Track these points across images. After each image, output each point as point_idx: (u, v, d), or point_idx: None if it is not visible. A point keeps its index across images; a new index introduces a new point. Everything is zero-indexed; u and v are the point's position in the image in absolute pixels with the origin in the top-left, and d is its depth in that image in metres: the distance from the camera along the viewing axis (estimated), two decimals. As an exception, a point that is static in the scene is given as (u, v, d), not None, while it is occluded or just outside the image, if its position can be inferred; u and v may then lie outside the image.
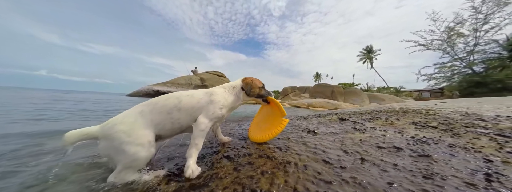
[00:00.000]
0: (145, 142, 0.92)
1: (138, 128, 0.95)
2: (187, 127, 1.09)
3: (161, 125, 1.01)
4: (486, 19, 13.54)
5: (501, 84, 12.25)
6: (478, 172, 0.77)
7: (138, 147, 0.89)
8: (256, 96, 1.32)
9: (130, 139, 0.89)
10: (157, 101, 1.06)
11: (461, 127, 1.46)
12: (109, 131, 0.91)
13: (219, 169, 0.96)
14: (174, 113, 1.03)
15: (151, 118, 1.00)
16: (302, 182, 0.80)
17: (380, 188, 0.73)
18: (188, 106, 1.06)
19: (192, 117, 1.07)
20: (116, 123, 0.93)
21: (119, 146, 0.88)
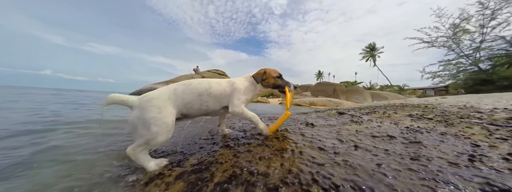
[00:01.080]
0: (169, 122, 0.98)
1: (169, 105, 1.03)
2: (212, 111, 1.21)
3: (190, 105, 1.12)
4: (493, 15, 13.13)
5: (508, 81, 11.96)
6: (463, 154, 0.81)
7: (162, 126, 0.95)
8: (272, 86, 1.30)
9: (159, 115, 0.96)
10: (190, 83, 1.17)
11: (456, 118, 1.48)
12: (145, 103, 0.99)
13: (219, 156, 1.02)
14: (204, 96, 1.15)
15: (183, 97, 1.09)
16: (296, 165, 0.86)
17: (369, 168, 0.78)
18: (216, 92, 1.18)
19: (219, 102, 1.20)
20: (153, 97, 1.02)
21: (148, 120, 0.94)
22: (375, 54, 34.23)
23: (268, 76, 1.28)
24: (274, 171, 0.81)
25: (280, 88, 1.31)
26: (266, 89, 1.31)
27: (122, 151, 1.19)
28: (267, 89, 1.32)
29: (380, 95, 21.04)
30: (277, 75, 1.30)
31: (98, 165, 1.13)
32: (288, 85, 1.31)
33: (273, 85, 1.30)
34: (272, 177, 0.75)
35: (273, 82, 1.29)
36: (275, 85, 1.30)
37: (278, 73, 1.32)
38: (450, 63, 14.92)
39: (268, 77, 1.28)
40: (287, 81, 1.34)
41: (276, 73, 1.31)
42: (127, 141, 1.70)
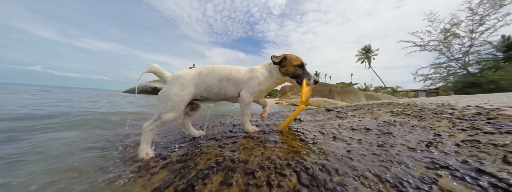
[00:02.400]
0: (184, 100, 1.10)
1: (192, 85, 1.14)
2: (230, 97, 1.25)
3: (210, 88, 1.19)
4: (482, 21, 13.65)
5: (494, 85, 12.47)
6: (423, 142, 0.90)
7: (177, 102, 1.07)
8: (291, 75, 1.17)
9: (181, 92, 1.09)
10: (213, 68, 1.23)
11: (430, 114, 1.59)
12: (173, 81, 1.12)
13: (205, 147, 1.07)
14: (223, 81, 1.20)
15: (205, 80, 1.18)
16: (276, 153, 0.92)
17: (339, 154, 0.85)
18: (235, 79, 1.21)
19: (236, 89, 1.22)
20: (181, 76, 1.15)
21: (169, 95, 1.07)
22: (370, 56, 34.97)
23: (288, 63, 1.14)
24: (254, 158, 0.86)
25: (298, 78, 1.17)
26: (284, 77, 1.19)
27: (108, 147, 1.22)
28: (284, 78, 1.20)
29: (374, 96, 21.52)
30: (299, 64, 1.15)
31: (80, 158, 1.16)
32: (308, 77, 1.16)
33: (292, 74, 1.17)
34: (251, 164, 0.81)
35: (292, 71, 1.15)
36: (295, 74, 1.16)
37: (300, 62, 1.17)
38: (441, 66, 15.41)
39: (288, 64, 1.15)
40: (309, 72, 1.18)
41: (297, 60, 1.16)
42: (110, 135, 1.72)
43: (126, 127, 2.23)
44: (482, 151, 0.72)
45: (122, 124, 2.48)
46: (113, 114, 3.58)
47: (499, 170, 0.57)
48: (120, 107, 5.58)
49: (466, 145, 0.80)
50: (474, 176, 0.56)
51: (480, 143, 0.81)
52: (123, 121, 2.73)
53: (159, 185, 0.75)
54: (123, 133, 1.89)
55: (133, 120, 2.62)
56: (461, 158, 0.67)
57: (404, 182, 0.59)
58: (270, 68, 1.24)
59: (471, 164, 0.62)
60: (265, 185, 0.64)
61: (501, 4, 12.93)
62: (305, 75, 1.17)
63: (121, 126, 2.31)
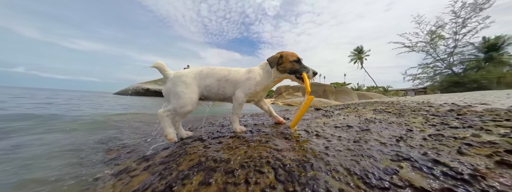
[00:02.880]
0: (193, 97, 1.18)
1: (194, 84, 1.20)
2: (229, 97, 1.28)
3: (210, 87, 1.24)
4: (464, 23, 14.43)
5: (477, 84, 13.19)
6: (395, 137, 0.95)
7: (188, 100, 1.15)
8: (289, 72, 1.18)
9: (186, 90, 1.17)
10: (214, 68, 1.29)
11: (409, 111, 1.68)
12: (176, 79, 1.19)
13: (190, 148, 1.07)
14: (222, 81, 1.24)
15: (205, 79, 1.23)
16: (259, 151, 0.94)
17: (317, 150, 0.89)
18: (233, 79, 1.24)
19: (234, 89, 1.25)
20: (183, 74, 1.22)
21: (178, 92, 1.15)
22: (362, 56, 36.05)
23: (284, 60, 1.16)
24: (237, 157, 0.88)
25: (297, 73, 1.18)
26: (282, 75, 1.21)
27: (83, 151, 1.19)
28: (283, 75, 1.21)
29: (366, 95, 22.14)
30: (295, 59, 1.17)
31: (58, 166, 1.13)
32: (306, 70, 1.18)
33: (289, 70, 1.18)
34: (233, 163, 0.82)
35: (290, 67, 1.17)
36: (292, 70, 1.17)
37: (296, 57, 1.18)
38: (428, 66, 16.12)
39: (285, 61, 1.16)
40: (306, 66, 1.20)
41: (293, 56, 1.18)
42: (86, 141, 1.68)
43: (113, 130, 2.18)
44: (442, 144, 0.77)
45: (107, 127, 2.42)
46: (99, 116, 3.48)
47: (452, 160, 0.62)
48: (109, 109, 5.43)
49: (431, 139, 0.86)
50: (430, 166, 0.61)
51: (443, 136, 0.87)
52: (109, 123, 2.66)
53: (138, 188, 0.75)
54: (109, 136, 1.85)
55: (118, 122, 2.57)
56: (423, 150, 0.72)
57: (369, 174, 0.63)
58: (267, 68, 1.25)
59: (429, 156, 0.67)
60: (243, 182, 0.66)
61: (481, 8, 13.75)
62: (303, 69, 1.18)
63: (106, 128, 2.26)
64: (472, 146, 0.70)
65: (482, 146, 0.70)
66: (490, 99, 1.82)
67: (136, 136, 1.80)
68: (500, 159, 0.57)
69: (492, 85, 12.68)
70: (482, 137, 0.80)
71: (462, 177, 0.53)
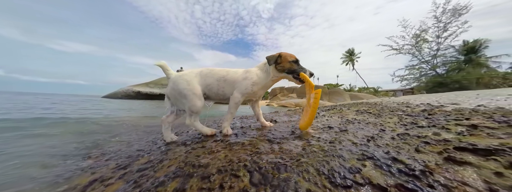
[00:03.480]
0: (197, 92, 1.22)
1: (195, 82, 1.25)
2: (228, 97, 1.29)
3: (210, 87, 1.28)
4: (445, 27, 15.46)
5: (458, 84, 14.03)
6: (367, 137, 1.01)
7: (193, 95, 1.19)
8: (287, 71, 1.22)
9: (189, 87, 1.20)
10: (213, 68, 1.33)
11: (387, 111, 1.76)
12: (177, 78, 1.24)
13: (171, 154, 1.06)
14: (221, 81, 1.28)
15: (205, 78, 1.28)
16: (239, 155, 0.95)
17: (295, 152, 0.92)
18: (231, 80, 1.28)
19: (233, 89, 1.27)
20: (184, 73, 1.28)
21: (181, 91, 1.19)
22: (353, 58, 37.30)
23: (283, 60, 1.21)
24: (216, 162, 0.88)
25: (294, 73, 1.23)
26: (280, 74, 1.25)
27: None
28: (281, 75, 1.25)
29: (357, 96, 22.80)
30: (293, 60, 1.22)
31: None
32: (304, 70, 1.23)
33: (288, 70, 1.22)
34: (211, 167, 0.82)
35: (288, 67, 1.21)
36: (290, 70, 1.22)
37: (295, 58, 1.23)
38: (414, 68, 16.99)
39: (283, 61, 1.21)
40: (303, 67, 1.26)
41: (292, 57, 1.23)
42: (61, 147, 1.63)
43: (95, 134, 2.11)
44: (406, 142, 0.83)
45: (91, 131, 2.34)
46: (84, 120, 3.34)
47: (409, 157, 0.68)
48: (94, 113, 5.22)
49: (398, 138, 0.92)
50: (389, 164, 0.66)
51: (409, 135, 0.93)
52: (93, 128, 2.57)
53: (110, 197, 0.74)
54: (92, 141, 1.79)
55: (104, 126, 2.49)
56: (387, 149, 0.77)
57: (335, 173, 0.66)
58: (266, 67, 1.28)
59: (390, 154, 0.72)
60: (218, 187, 0.67)
61: (460, 13, 14.82)
62: (301, 69, 1.24)
63: (90, 133, 2.19)
64: (429, 144, 0.76)
65: (437, 143, 0.76)
66: (461, 99, 1.96)
67: (119, 142, 1.75)
68: (447, 155, 0.63)
69: (472, 86, 13.54)
70: (441, 136, 0.87)
71: (413, 173, 0.58)
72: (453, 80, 14.65)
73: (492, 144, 0.64)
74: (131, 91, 14.50)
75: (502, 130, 0.82)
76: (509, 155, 0.56)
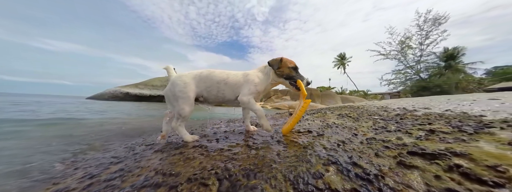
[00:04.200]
0: (191, 96, 1.22)
1: (193, 84, 1.26)
2: (228, 99, 1.30)
3: (209, 89, 1.28)
4: (427, 35, 16.60)
5: (440, 88, 14.98)
6: (339, 141, 1.05)
7: (186, 98, 1.20)
8: (286, 77, 1.26)
9: (185, 89, 1.21)
10: (213, 71, 1.33)
11: (366, 116, 1.85)
12: (176, 78, 1.26)
13: (145, 161, 1.02)
14: (221, 84, 1.28)
15: (205, 80, 1.28)
16: (214, 161, 0.93)
17: (269, 158, 0.93)
18: (232, 83, 1.28)
19: (233, 92, 1.29)
20: (182, 75, 1.29)
21: (176, 92, 1.20)
22: (345, 62, 38.71)
23: (283, 65, 1.24)
24: (189, 169, 0.85)
25: (292, 79, 1.27)
26: (279, 79, 1.28)
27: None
28: (279, 80, 1.29)
29: (348, 99, 23.55)
30: (293, 66, 1.26)
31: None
32: (301, 78, 1.27)
33: (286, 76, 1.25)
34: (182, 176, 0.80)
35: (287, 72, 1.24)
36: (288, 76, 1.25)
37: (294, 64, 1.27)
38: (400, 73, 17.96)
39: (283, 66, 1.24)
40: (301, 75, 1.30)
41: (292, 63, 1.26)
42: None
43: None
44: (370, 147, 0.88)
45: (67, 135, 2.21)
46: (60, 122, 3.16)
47: (367, 162, 0.72)
48: (76, 114, 4.94)
49: (365, 143, 0.97)
50: (349, 168, 0.69)
51: (375, 140, 0.99)
52: (69, 131, 2.44)
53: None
54: (65, 146, 1.70)
55: (83, 130, 2.36)
56: (351, 154, 0.82)
57: (300, 179, 0.69)
58: (266, 70, 1.32)
59: (353, 159, 0.76)
60: None
61: (440, 22, 16.02)
62: (299, 77, 1.27)
63: (65, 137, 2.07)
64: (389, 148, 0.81)
65: (396, 148, 0.81)
66: (433, 104, 2.10)
67: (98, 147, 1.67)
68: (400, 160, 0.67)
69: (451, 90, 14.52)
70: (402, 140, 0.93)
71: (368, 177, 0.62)
72: (435, 85, 15.62)
73: (438, 149, 0.70)
74: (119, 92, 13.87)
75: (453, 135, 0.89)
76: (449, 159, 0.62)
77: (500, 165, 0.53)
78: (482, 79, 16.54)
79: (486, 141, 0.76)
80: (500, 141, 0.74)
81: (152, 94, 14.49)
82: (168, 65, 1.38)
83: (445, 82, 15.25)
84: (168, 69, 1.37)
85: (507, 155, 0.60)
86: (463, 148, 0.70)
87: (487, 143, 0.74)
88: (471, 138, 0.81)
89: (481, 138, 0.80)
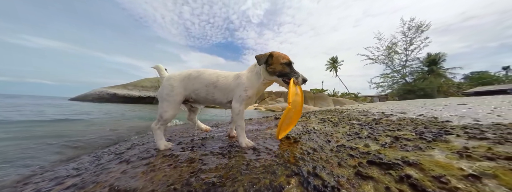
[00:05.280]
0: (177, 100, 1.21)
1: (181, 87, 1.22)
2: (219, 102, 1.25)
3: (198, 92, 1.24)
4: (411, 42, 17.70)
5: (423, 91, 15.88)
6: (311, 149, 1.05)
7: (171, 102, 1.19)
8: (278, 74, 1.10)
9: (172, 93, 1.19)
10: (203, 72, 1.26)
11: (346, 120, 1.88)
12: (165, 81, 1.24)
13: (106, 174, 0.95)
14: (210, 87, 1.22)
15: (193, 82, 1.23)
16: (180, 174, 0.87)
17: (238, 167, 0.90)
18: (222, 86, 1.21)
19: (225, 96, 1.22)
20: (171, 77, 1.25)
21: (163, 96, 1.20)
22: (336, 66, 39.97)
23: (274, 60, 1.08)
24: (148, 184, 0.79)
25: (286, 77, 1.11)
26: (271, 77, 1.13)
27: None
28: (272, 78, 1.14)
29: (340, 101, 24.20)
30: (286, 62, 1.09)
31: None
32: (296, 75, 1.10)
33: (279, 73, 1.10)
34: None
35: (280, 69, 1.08)
36: (282, 73, 1.09)
37: (288, 59, 1.10)
38: (387, 76, 18.90)
39: (275, 62, 1.08)
40: (297, 71, 1.12)
41: (285, 58, 1.10)
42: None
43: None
44: (336, 155, 0.88)
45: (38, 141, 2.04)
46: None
47: (328, 173, 0.71)
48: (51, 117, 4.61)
49: (335, 150, 0.97)
50: (310, 180, 0.68)
51: (344, 147, 1.00)
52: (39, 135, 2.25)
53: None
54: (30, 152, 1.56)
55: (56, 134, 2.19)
56: (316, 164, 0.81)
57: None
58: (256, 69, 1.18)
59: (316, 169, 0.75)
60: None
61: (422, 30, 17.19)
62: (293, 74, 1.10)
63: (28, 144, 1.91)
64: (353, 157, 0.82)
65: (360, 156, 0.82)
66: (410, 109, 2.20)
67: (58, 156, 1.55)
68: (358, 170, 0.68)
69: (434, 93, 15.43)
70: (369, 147, 0.94)
71: (325, 190, 0.61)
72: (419, 88, 16.51)
73: (394, 158, 0.71)
74: (105, 93, 13.17)
75: (414, 142, 0.92)
76: (402, 169, 0.63)
77: (443, 176, 0.54)
78: (460, 84, 17.75)
79: (440, 149, 0.78)
80: (452, 149, 0.77)
81: (141, 95, 13.96)
82: (158, 65, 1.35)
83: (428, 86, 16.19)
84: (158, 69, 1.34)
85: (452, 164, 0.62)
86: (417, 157, 0.71)
87: (440, 151, 0.76)
88: (428, 146, 0.84)
89: (437, 146, 0.83)
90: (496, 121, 1.45)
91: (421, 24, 17.21)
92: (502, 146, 0.77)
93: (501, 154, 0.68)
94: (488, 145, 0.78)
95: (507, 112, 1.65)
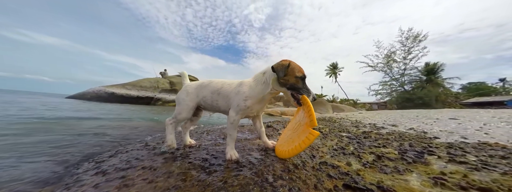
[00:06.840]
0: (190, 105, 1.35)
1: (194, 94, 1.37)
2: (223, 110, 1.29)
3: (205, 99, 1.32)
4: (409, 51, 18.00)
5: (421, 100, 15.94)
6: (292, 165, 1.02)
7: (185, 106, 1.34)
8: (289, 87, 1.00)
9: (186, 98, 1.35)
10: (212, 81, 1.36)
11: (336, 131, 1.86)
12: (183, 87, 1.44)
13: (78, 187, 0.91)
14: (214, 94, 1.28)
15: (202, 90, 1.34)
16: (159, 187, 0.84)
17: (212, 187, 0.85)
18: (225, 93, 1.24)
19: (226, 103, 1.24)
20: (188, 84, 1.45)
21: (180, 99, 1.37)
22: (336, 71, 40.24)
23: (290, 72, 0.98)
24: None
25: (295, 91, 1.01)
26: (280, 88, 1.03)
27: None
28: (281, 89, 1.04)
29: (339, 107, 24.15)
30: (301, 76, 1.00)
31: None
32: (308, 93, 1.01)
33: (290, 86, 1.00)
34: None
35: (292, 82, 0.98)
36: (293, 86, 0.99)
37: (303, 73, 1.01)
38: (386, 84, 19.06)
39: (290, 73, 0.98)
40: (308, 88, 1.03)
41: (300, 72, 1.00)
42: None
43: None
44: (315, 174, 0.86)
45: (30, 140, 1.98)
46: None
47: (300, 196, 0.69)
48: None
49: (316, 168, 0.95)
50: (282, 203, 0.66)
51: (326, 165, 0.97)
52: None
53: None
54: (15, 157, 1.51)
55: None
56: (292, 185, 0.78)
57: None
58: (265, 78, 1.07)
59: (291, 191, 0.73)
60: None
61: (420, 40, 17.53)
62: (305, 90, 1.01)
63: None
64: (331, 178, 0.80)
65: (338, 177, 0.80)
66: (402, 121, 2.18)
67: (43, 161, 1.51)
68: (331, 195, 0.65)
69: (432, 102, 15.48)
70: (351, 166, 0.92)
71: (294, 216, 0.59)
72: (417, 96, 16.60)
73: (369, 183, 0.69)
74: (103, 92, 13.09)
75: (395, 163, 0.90)
76: (374, 197, 0.61)
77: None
78: (458, 94, 17.91)
79: (418, 173, 0.77)
80: (429, 174, 0.75)
81: (139, 95, 13.90)
82: (183, 71, 1.52)
83: (426, 95, 16.28)
84: (183, 75, 1.51)
85: (426, 193, 0.60)
86: (393, 182, 0.69)
87: (417, 175, 0.75)
88: (407, 169, 0.82)
89: (415, 169, 0.81)
90: (483, 139, 1.43)
91: (418, 34, 17.56)
92: (478, 173, 0.76)
93: (475, 184, 0.66)
94: (465, 171, 0.77)
95: (495, 130, 1.64)
